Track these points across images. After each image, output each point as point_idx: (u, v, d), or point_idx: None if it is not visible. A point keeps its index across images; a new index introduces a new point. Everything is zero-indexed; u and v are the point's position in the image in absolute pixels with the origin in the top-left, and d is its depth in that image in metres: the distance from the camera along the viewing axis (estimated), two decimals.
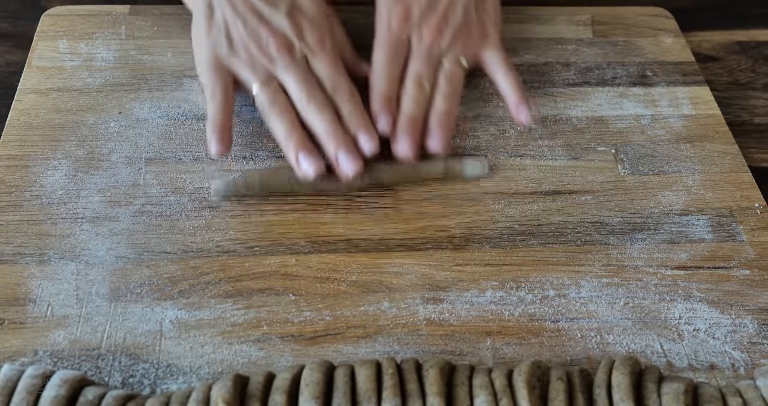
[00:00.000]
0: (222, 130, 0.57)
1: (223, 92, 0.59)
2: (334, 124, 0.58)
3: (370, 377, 0.43)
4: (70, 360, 0.47)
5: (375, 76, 0.62)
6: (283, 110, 0.58)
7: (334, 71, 0.61)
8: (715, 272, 0.55)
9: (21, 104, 0.62)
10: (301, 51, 0.61)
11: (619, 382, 0.43)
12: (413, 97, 0.61)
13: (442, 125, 0.61)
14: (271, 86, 0.59)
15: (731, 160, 0.63)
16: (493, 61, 0.65)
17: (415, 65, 0.63)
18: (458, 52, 0.64)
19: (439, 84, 0.63)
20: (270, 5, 0.61)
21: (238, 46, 0.60)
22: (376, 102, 0.61)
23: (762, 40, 0.78)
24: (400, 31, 0.63)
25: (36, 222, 0.54)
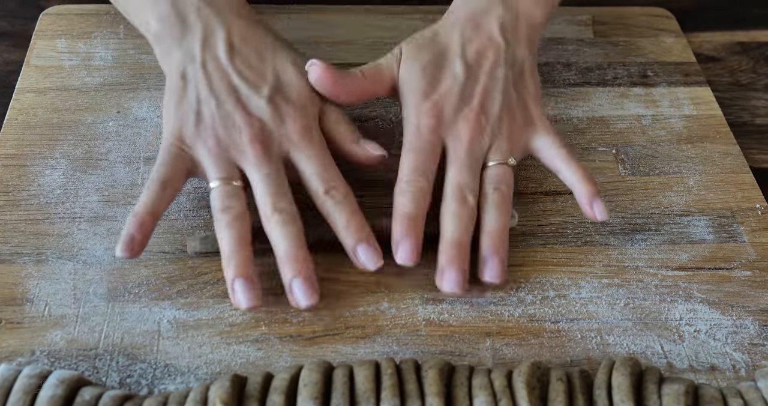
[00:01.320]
0: (138, 230, 0.49)
1: (165, 182, 0.51)
2: (296, 245, 0.49)
3: (369, 377, 0.43)
4: (68, 360, 0.47)
5: (398, 191, 0.52)
6: (233, 220, 0.50)
7: (324, 169, 0.53)
8: (716, 273, 0.55)
9: (19, 103, 0.62)
10: (279, 143, 0.53)
11: (619, 383, 0.43)
12: (457, 216, 0.51)
13: (497, 249, 0.51)
14: (229, 187, 0.51)
15: (732, 161, 0.63)
16: (548, 149, 0.56)
17: (455, 175, 0.53)
18: (503, 148, 0.55)
19: (486, 194, 0.53)
20: (250, 85, 0.54)
21: (206, 130, 0.53)
22: (398, 226, 0.51)
23: (763, 41, 0.78)
24: (431, 133, 0.54)
25: (34, 221, 0.54)
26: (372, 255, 0.50)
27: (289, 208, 0.51)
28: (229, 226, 0.50)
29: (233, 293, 0.48)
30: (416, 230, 0.51)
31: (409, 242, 0.50)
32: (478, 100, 0.55)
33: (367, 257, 0.50)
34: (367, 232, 0.51)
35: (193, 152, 0.53)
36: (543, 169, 0.61)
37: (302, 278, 0.49)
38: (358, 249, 0.50)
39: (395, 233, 0.51)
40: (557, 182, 0.60)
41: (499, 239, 0.52)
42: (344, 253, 0.51)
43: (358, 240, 0.50)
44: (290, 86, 0.55)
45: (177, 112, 0.53)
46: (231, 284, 0.48)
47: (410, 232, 0.50)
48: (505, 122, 0.55)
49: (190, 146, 0.53)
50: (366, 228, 0.51)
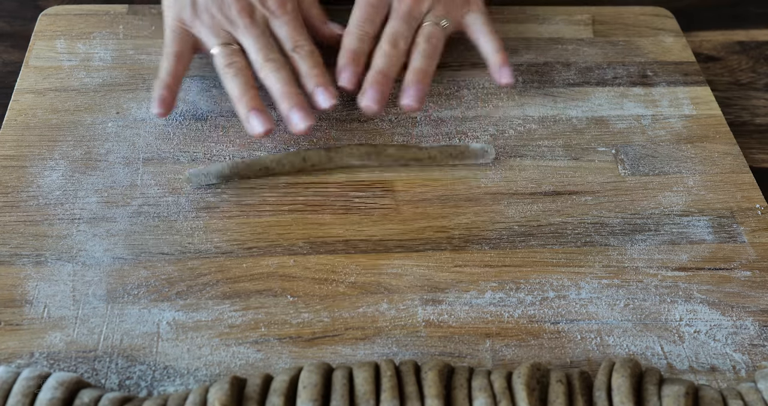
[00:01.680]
0: (165, 91, 0.58)
1: (177, 55, 0.60)
2: (288, 84, 0.58)
3: (369, 379, 0.43)
4: (67, 362, 0.47)
5: (346, 33, 0.63)
6: (238, 71, 0.59)
7: (294, 32, 0.62)
8: (716, 274, 0.55)
9: (18, 104, 0.62)
10: (261, 14, 0.62)
11: (619, 384, 0.43)
12: (385, 53, 0.61)
13: (418, 82, 0.61)
14: (229, 48, 0.60)
15: (732, 161, 0.63)
16: (476, 25, 0.65)
17: (393, 24, 0.63)
18: (440, 15, 0.64)
19: (417, 43, 0.62)
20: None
21: (200, 10, 0.61)
22: (342, 57, 0.61)
23: (763, 40, 0.78)
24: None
25: (33, 223, 0.54)
26: (328, 95, 0.59)
27: (278, 57, 0.60)
28: (236, 76, 0.59)
29: (249, 123, 0.58)
30: (358, 61, 0.61)
31: (350, 69, 0.61)
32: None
33: (324, 97, 0.59)
34: (325, 78, 0.60)
35: (193, 30, 0.61)
36: (541, 169, 0.61)
37: (298, 107, 0.58)
38: (316, 90, 0.59)
39: (339, 63, 0.61)
40: (556, 183, 0.60)
41: (421, 75, 0.61)
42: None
43: (317, 84, 0.59)
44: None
45: (175, 2, 0.62)
46: (246, 117, 0.58)
47: (353, 62, 0.61)
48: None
49: (190, 25, 0.61)
50: (325, 75, 0.60)
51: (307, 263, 0.54)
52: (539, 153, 0.62)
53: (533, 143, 0.63)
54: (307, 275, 0.53)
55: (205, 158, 0.59)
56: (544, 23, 0.75)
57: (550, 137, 0.64)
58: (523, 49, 0.72)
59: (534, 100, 0.67)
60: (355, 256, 0.54)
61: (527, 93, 0.67)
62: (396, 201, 0.58)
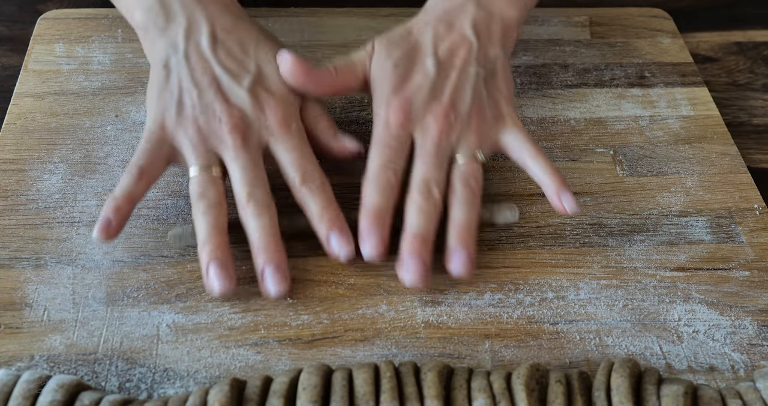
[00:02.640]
0: (114, 214, 0.50)
1: (142, 170, 0.52)
2: (268, 235, 0.51)
3: (368, 380, 0.43)
4: (67, 365, 0.47)
5: (366, 183, 0.53)
6: (209, 208, 0.51)
7: (303, 160, 0.53)
8: (715, 274, 0.55)
9: (17, 108, 0.62)
10: (258, 134, 0.54)
11: (618, 384, 0.43)
12: (421, 209, 0.52)
13: (465, 243, 0.51)
14: (207, 175, 0.52)
15: (730, 161, 0.63)
16: (516, 144, 0.56)
17: (422, 168, 0.53)
18: (472, 144, 0.55)
19: (455, 189, 0.53)
20: (232, 76, 0.55)
21: (187, 119, 0.53)
22: (364, 219, 0.51)
23: (760, 41, 0.78)
24: (400, 129, 0.54)
25: (32, 226, 0.54)
26: (344, 243, 0.51)
27: (263, 198, 0.52)
28: (205, 213, 0.51)
29: (207, 278, 0.49)
30: (382, 223, 0.51)
31: (374, 237, 0.51)
32: (448, 96, 0.55)
33: (340, 245, 0.51)
34: (341, 221, 0.52)
35: (173, 140, 0.53)
36: None
37: (273, 267, 0.50)
38: (330, 237, 0.51)
39: (361, 227, 0.51)
40: None
41: (466, 233, 0.52)
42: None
43: (330, 228, 0.51)
44: (272, 78, 0.56)
45: (159, 100, 0.54)
46: (205, 269, 0.49)
47: (376, 226, 0.51)
48: (474, 119, 0.55)
49: (171, 134, 0.53)
50: (340, 217, 0.52)
51: (306, 265, 0.54)
52: None
53: None
54: (306, 277, 0.53)
55: None
56: (542, 25, 0.75)
57: (548, 138, 0.64)
58: (521, 51, 0.72)
59: (532, 101, 0.67)
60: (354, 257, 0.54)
61: (525, 94, 0.68)
62: None
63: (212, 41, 0.56)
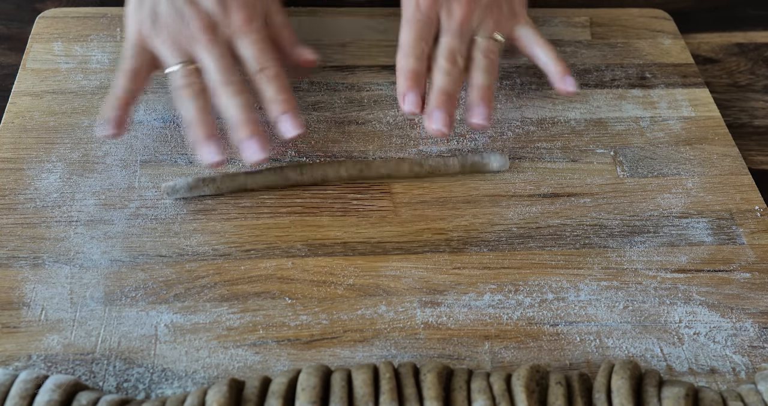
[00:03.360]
0: (119, 110, 0.55)
1: (133, 71, 0.56)
2: (245, 111, 0.55)
3: (367, 381, 0.42)
4: (64, 365, 0.47)
5: (401, 54, 0.58)
6: (194, 94, 0.55)
7: (260, 53, 0.57)
8: (716, 275, 0.55)
9: (15, 107, 0.62)
10: (224, 31, 0.57)
11: (618, 386, 0.43)
12: (447, 72, 0.57)
13: (484, 99, 0.57)
14: (187, 68, 0.56)
15: (731, 163, 0.63)
16: (528, 37, 0.63)
17: (448, 40, 0.59)
18: (490, 28, 0.61)
19: (475, 59, 0.59)
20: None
21: (161, 25, 0.57)
22: (403, 79, 0.57)
23: (761, 42, 0.78)
24: (429, 9, 0.59)
25: (30, 225, 0.54)
26: (293, 123, 0.55)
27: (238, 80, 0.56)
28: (191, 99, 0.55)
29: (201, 151, 0.54)
30: (420, 83, 0.57)
31: (415, 93, 0.56)
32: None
33: (288, 125, 0.55)
34: (291, 105, 0.56)
35: (152, 46, 0.57)
36: (540, 171, 0.61)
37: (255, 136, 0.54)
38: (281, 118, 0.55)
39: (400, 86, 0.57)
40: (555, 185, 0.60)
41: (486, 91, 0.58)
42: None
43: (281, 111, 0.55)
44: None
45: (137, 13, 0.58)
46: (198, 145, 0.54)
47: (414, 84, 0.57)
48: (492, 10, 0.61)
49: (149, 41, 0.57)
50: (290, 102, 0.56)
51: (305, 265, 0.54)
52: (537, 155, 0.62)
53: (531, 145, 0.63)
54: (305, 278, 0.53)
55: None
56: (543, 25, 0.75)
57: (548, 139, 0.64)
58: None
59: (532, 102, 0.67)
60: (354, 258, 0.54)
61: (526, 95, 0.67)
62: (394, 203, 0.58)
63: None
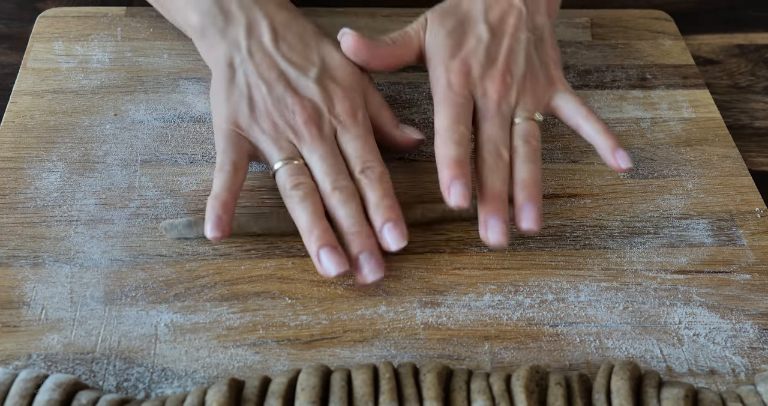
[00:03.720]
0: (222, 210, 0.50)
1: (234, 167, 0.52)
2: (359, 222, 0.51)
3: (367, 381, 0.43)
4: (64, 364, 0.47)
5: (440, 140, 0.53)
6: (306, 196, 0.52)
7: (365, 149, 0.54)
8: (716, 277, 0.55)
9: (16, 106, 0.62)
10: (330, 124, 0.55)
11: (618, 387, 0.43)
12: (492, 169, 0.53)
13: (533, 198, 0.52)
14: (295, 166, 0.53)
15: (731, 164, 0.63)
16: (569, 106, 0.58)
17: (487, 129, 0.55)
18: (529, 105, 0.56)
19: (517, 148, 0.54)
20: (298, 69, 0.56)
21: (260, 115, 0.55)
22: (446, 169, 0.52)
23: (762, 44, 0.78)
24: (462, 89, 0.55)
25: (30, 225, 0.54)
26: (396, 235, 0.51)
27: (348, 185, 0.53)
28: (304, 200, 0.52)
29: (320, 263, 0.50)
30: (465, 172, 0.52)
31: (460, 183, 0.51)
32: (503, 60, 0.57)
33: (392, 237, 0.51)
34: (396, 213, 0.52)
35: (250, 137, 0.55)
36: (542, 172, 0.61)
37: (368, 253, 0.51)
38: (384, 228, 0.51)
39: (444, 178, 0.52)
40: (555, 185, 0.60)
41: (533, 188, 0.53)
42: None
43: (385, 219, 0.52)
44: (336, 68, 0.58)
45: (228, 100, 0.55)
46: (316, 255, 0.50)
47: (460, 174, 0.51)
48: (528, 82, 0.57)
49: (247, 131, 0.54)
50: (395, 209, 0.52)
51: (305, 265, 0.54)
52: None
53: None
54: (305, 278, 0.53)
55: (203, 160, 0.59)
56: None
57: (548, 140, 0.64)
58: None
59: None
60: None
61: None
62: None
63: (274, 37, 0.57)
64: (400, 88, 0.67)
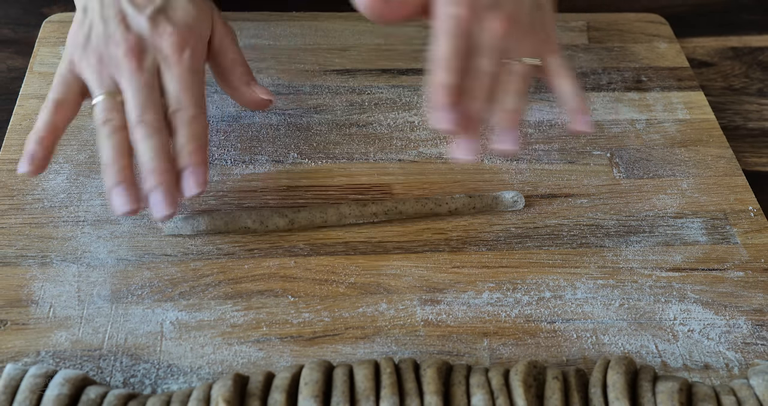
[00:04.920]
0: (37, 146, 0.51)
1: (58, 102, 0.53)
2: (156, 157, 0.50)
3: (369, 376, 0.43)
4: (72, 360, 0.48)
5: (440, 67, 0.52)
6: (113, 131, 0.51)
7: (182, 89, 0.53)
8: (710, 274, 0.56)
9: (23, 109, 0.63)
10: (153, 59, 0.53)
11: (614, 381, 0.44)
12: (477, 95, 0.52)
13: (513, 124, 0.53)
14: (110, 100, 0.52)
15: (725, 164, 0.64)
16: (556, 66, 0.57)
17: (483, 62, 0.53)
18: (525, 50, 0.56)
19: (508, 81, 0.54)
20: (135, 6, 0.54)
21: (90, 50, 0.53)
22: (440, 93, 0.51)
23: (755, 46, 0.79)
24: (467, 23, 0.53)
25: (38, 225, 0.55)
26: (193, 181, 0.51)
27: (153, 119, 0.51)
28: (109, 137, 0.51)
29: (111, 198, 0.50)
30: (457, 101, 0.51)
31: (453, 109, 0.50)
32: (509, 6, 0.55)
33: (188, 183, 0.51)
34: (198, 158, 0.51)
35: (80, 73, 0.54)
36: (537, 173, 0.62)
37: (161, 189, 0.50)
38: (183, 173, 0.51)
39: (437, 101, 0.50)
40: (552, 186, 0.61)
41: (514, 115, 0.52)
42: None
43: (185, 164, 0.51)
44: (177, 9, 0.55)
45: (73, 40, 0.55)
46: (109, 192, 0.50)
47: (453, 99, 0.50)
48: (529, 34, 0.56)
49: (78, 66, 0.54)
50: (197, 154, 0.51)
51: (307, 264, 0.54)
52: (535, 157, 0.63)
53: (530, 147, 0.64)
54: (307, 276, 0.54)
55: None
56: None
57: (546, 141, 0.65)
58: None
59: (530, 105, 0.68)
60: (355, 257, 0.55)
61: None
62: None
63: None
64: (400, 91, 0.68)
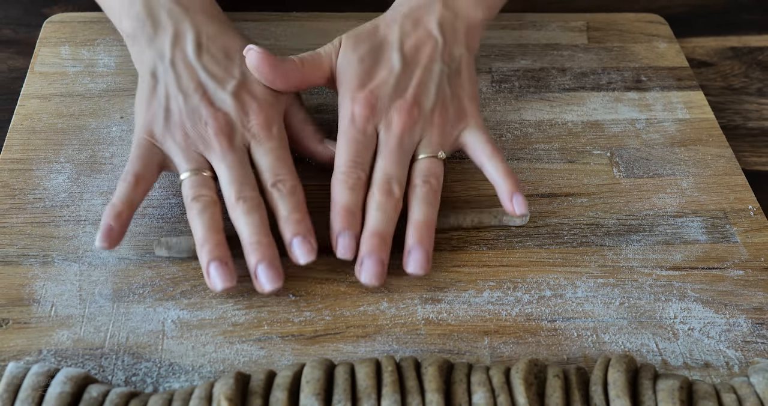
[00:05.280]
0: (114, 221, 0.50)
1: (135, 178, 0.52)
2: (259, 233, 0.51)
3: (370, 374, 0.43)
4: (74, 359, 0.48)
5: (335, 182, 0.54)
6: (204, 208, 0.51)
7: (277, 162, 0.54)
8: (710, 273, 0.56)
9: (24, 109, 0.63)
10: (242, 137, 0.54)
11: (615, 379, 0.44)
12: (381, 207, 0.52)
13: (423, 240, 0.52)
14: (199, 177, 0.53)
15: (725, 163, 0.64)
16: (475, 144, 0.57)
17: (383, 165, 0.54)
18: (434, 141, 0.56)
19: (415, 188, 0.54)
20: (217, 81, 0.56)
21: (174, 125, 0.54)
22: (335, 218, 0.52)
23: (755, 46, 0.79)
24: (365, 122, 0.55)
25: (39, 224, 0.55)
26: (305, 249, 0.51)
27: (252, 195, 0.52)
28: (201, 213, 0.51)
29: (208, 276, 0.50)
30: (354, 221, 0.52)
31: (348, 234, 0.52)
32: (412, 93, 0.56)
33: (301, 251, 0.51)
34: (305, 227, 0.52)
35: (163, 147, 0.54)
36: (538, 172, 0.62)
37: (266, 263, 0.50)
38: (293, 242, 0.51)
39: (334, 225, 0.52)
40: (553, 185, 0.61)
41: (425, 230, 0.52)
42: None
43: (294, 234, 0.51)
44: (257, 83, 0.57)
45: (148, 109, 0.55)
46: (206, 268, 0.50)
47: (348, 224, 0.52)
48: (437, 116, 0.56)
49: (160, 141, 0.54)
50: (304, 223, 0.52)
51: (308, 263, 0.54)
52: (536, 156, 0.63)
53: (530, 147, 0.64)
54: (308, 275, 0.54)
55: None
56: (540, 30, 0.76)
57: (546, 141, 0.65)
58: (519, 55, 0.73)
59: (530, 104, 0.68)
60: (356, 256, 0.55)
61: (524, 98, 0.69)
62: None
63: (198, 48, 0.57)
64: None
